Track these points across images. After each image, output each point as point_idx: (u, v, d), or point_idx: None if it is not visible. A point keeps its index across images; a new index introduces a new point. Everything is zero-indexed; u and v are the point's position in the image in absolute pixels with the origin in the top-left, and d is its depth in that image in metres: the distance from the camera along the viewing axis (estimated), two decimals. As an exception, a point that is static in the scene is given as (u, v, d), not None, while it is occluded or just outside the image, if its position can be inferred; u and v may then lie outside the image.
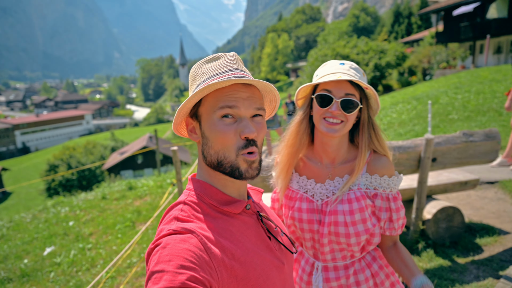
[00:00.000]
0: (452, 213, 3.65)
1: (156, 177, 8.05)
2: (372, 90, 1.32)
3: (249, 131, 0.88)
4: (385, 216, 1.36)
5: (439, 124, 9.24)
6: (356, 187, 1.36)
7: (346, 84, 1.29)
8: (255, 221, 0.98)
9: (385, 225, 1.38)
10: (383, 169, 1.36)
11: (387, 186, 1.35)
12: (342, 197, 1.35)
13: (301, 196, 1.43)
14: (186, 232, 0.82)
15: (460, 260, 3.49)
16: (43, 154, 51.02)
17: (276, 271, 0.94)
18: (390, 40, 39.70)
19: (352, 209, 1.32)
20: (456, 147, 3.49)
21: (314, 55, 26.94)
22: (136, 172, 31.60)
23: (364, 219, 1.32)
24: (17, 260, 4.63)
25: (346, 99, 1.28)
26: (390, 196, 1.36)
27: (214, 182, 0.95)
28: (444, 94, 12.45)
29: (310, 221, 1.38)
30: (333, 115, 1.28)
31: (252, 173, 0.91)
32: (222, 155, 0.90)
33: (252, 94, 0.92)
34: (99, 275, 3.06)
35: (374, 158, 1.38)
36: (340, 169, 1.40)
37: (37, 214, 6.52)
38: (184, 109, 0.93)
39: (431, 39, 26.28)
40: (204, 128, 0.92)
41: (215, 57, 0.97)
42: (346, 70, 1.31)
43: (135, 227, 5.21)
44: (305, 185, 1.44)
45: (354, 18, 55.90)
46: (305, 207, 1.40)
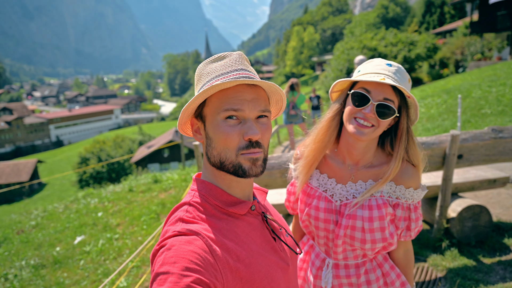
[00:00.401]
0: (478, 212, 3.53)
1: (180, 171, 8.22)
2: (414, 99, 1.25)
3: (253, 133, 0.87)
4: (403, 225, 1.34)
5: (470, 119, 8.89)
6: (379, 194, 1.32)
7: (388, 88, 1.22)
8: (260, 222, 0.98)
9: (401, 233, 1.36)
10: (409, 181, 1.31)
11: (410, 197, 1.31)
12: (363, 203, 1.31)
13: (320, 194, 1.40)
14: (191, 234, 0.81)
15: (486, 260, 3.38)
16: (75, 147, 53.13)
17: (280, 272, 0.94)
18: (420, 31, 38.29)
19: (372, 216, 1.28)
20: (484, 143, 3.36)
21: (340, 48, 26.47)
22: (162, 166, 32.33)
23: (383, 227, 1.29)
24: (50, 248, 4.90)
25: (384, 104, 1.20)
26: (411, 207, 1.33)
27: (219, 182, 0.94)
28: (477, 87, 11.93)
29: (326, 220, 1.36)
30: (365, 117, 1.22)
31: (256, 170, 0.90)
32: (224, 155, 0.89)
33: (257, 95, 0.90)
34: (123, 264, 3.20)
35: (403, 169, 1.32)
36: (364, 173, 1.35)
37: (69, 204, 6.84)
38: (188, 109, 0.93)
39: (465, 29, 25.09)
40: (208, 129, 0.92)
41: (220, 56, 0.95)
42: (391, 72, 1.23)
43: (159, 219, 5.37)
44: (325, 183, 1.40)
45: (383, 9, 54.24)
46: (323, 206, 1.37)
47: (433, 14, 42.21)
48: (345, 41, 30.87)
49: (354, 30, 47.18)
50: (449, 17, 40.20)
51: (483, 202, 4.54)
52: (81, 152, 29.48)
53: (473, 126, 8.23)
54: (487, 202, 4.56)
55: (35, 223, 5.99)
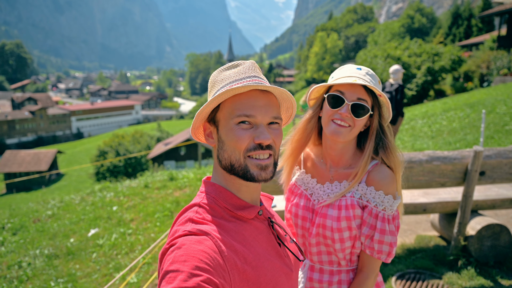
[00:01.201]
0: (499, 231, 3.42)
1: (196, 170, 8.28)
2: (385, 98, 1.30)
3: (264, 137, 0.90)
4: (367, 232, 1.31)
5: (494, 135, 8.63)
6: (350, 195, 1.34)
7: (360, 88, 1.29)
8: (266, 227, 1.00)
9: (365, 241, 1.32)
10: (380, 183, 1.30)
11: (380, 203, 1.30)
12: (335, 202, 1.34)
13: (301, 192, 1.46)
14: (202, 234, 0.83)
15: (504, 282, 3.26)
16: (94, 140, 54.26)
17: (285, 278, 0.95)
18: (446, 43, 37.50)
19: (340, 215, 1.31)
20: (508, 161, 3.25)
21: (363, 56, 26.16)
22: (178, 163, 32.63)
23: (350, 227, 1.31)
24: (64, 239, 5.00)
25: (358, 103, 1.27)
26: (380, 215, 1.29)
27: (229, 186, 0.97)
28: (502, 102, 11.58)
29: (304, 218, 1.41)
30: (342, 117, 1.28)
31: (265, 176, 0.93)
32: (233, 158, 0.92)
33: (269, 102, 0.94)
34: (136, 260, 3.23)
35: (376, 169, 1.33)
36: (342, 174, 1.39)
37: (85, 197, 6.97)
38: (202, 114, 0.96)
39: (492, 43, 24.44)
40: (221, 133, 0.95)
41: (234, 64, 1.00)
42: (362, 75, 1.29)
43: (173, 217, 5.41)
44: (307, 183, 1.46)
45: (408, 19, 53.43)
46: (302, 203, 1.43)
47: (460, 27, 41.29)
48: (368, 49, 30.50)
49: (377, 39, 46.60)
50: (476, 30, 39.24)
51: (503, 221, 4.39)
52: (100, 145, 30.04)
53: (496, 143, 7.99)
54: (507, 222, 4.40)
55: (52, 213, 6.13)
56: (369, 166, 1.34)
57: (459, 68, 22.22)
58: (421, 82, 21.24)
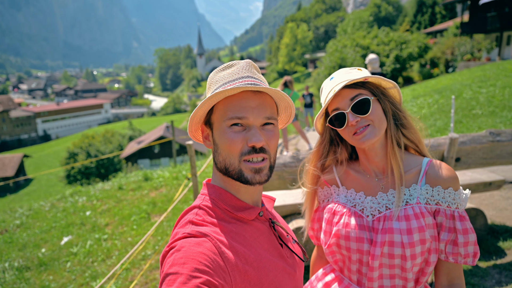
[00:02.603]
0: (474, 215, 3.51)
1: (172, 168, 8.09)
2: (380, 78, 1.20)
3: (257, 140, 0.88)
4: (447, 237, 1.14)
5: (462, 120, 8.94)
6: (415, 201, 1.16)
7: (345, 91, 1.18)
8: (267, 228, 0.99)
9: (446, 248, 1.15)
10: (447, 180, 1.15)
11: (452, 202, 1.14)
12: (399, 213, 1.15)
13: (349, 210, 1.25)
14: (201, 236, 0.83)
15: (481, 263, 3.36)
16: (63, 141, 52.35)
17: (288, 278, 0.95)
18: (412, 30, 38.52)
19: (411, 227, 1.12)
20: (482, 146, 3.33)
21: (333, 46, 26.40)
22: (152, 161, 32.06)
23: (423, 240, 1.12)
24: (35, 249, 4.74)
25: (354, 103, 1.17)
26: (456, 214, 1.14)
27: (228, 187, 0.96)
28: (468, 87, 12.02)
29: (359, 239, 1.19)
30: (358, 125, 1.17)
31: (260, 179, 0.91)
32: (228, 161, 0.91)
33: (262, 102, 0.92)
34: (114, 268, 3.08)
35: (434, 167, 1.18)
36: (393, 179, 1.22)
37: (56, 203, 6.65)
38: (196, 117, 0.95)
39: (456, 29, 25.31)
40: (215, 136, 0.94)
41: (229, 65, 0.98)
42: (337, 82, 1.20)
43: (150, 219, 5.25)
44: (354, 198, 1.27)
45: (375, 8, 54.43)
46: (353, 222, 1.21)
47: (425, 14, 42.53)
48: (337, 39, 30.85)
49: (346, 28, 47.27)
50: (440, 17, 40.54)
51: (476, 204, 4.53)
52: (69, 147, 29.03)
53: (465, 127, 8.27)
54: (480, 204, 4.55)
55: (20, 222, 5.80)
56: (424, 165, 1.20)
57: (426, 55, 22.90)
58: (390, 70, 21.75)
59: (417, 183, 1.18)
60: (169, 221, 4.95)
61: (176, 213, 5.13)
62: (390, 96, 1.23)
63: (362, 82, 1.21)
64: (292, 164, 2.96)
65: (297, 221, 3.36)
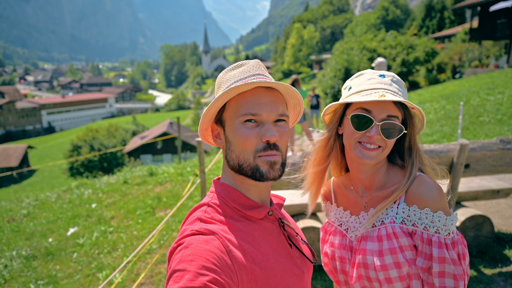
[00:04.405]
0: (481, 222, 3.52)
1: (176, 164, 8.12)
2: (419, 110, 1.10)
3: (271, 135, 0.88)
4: (421, 263, 1.02)
5: (469, 126, 8.91)
6: (389, 220, 1.07)
7: (389, 103, 1.07)
8: (276, 228, 0.98)
9: (423, 276, 1.03)
10: (423, 198, 1.03)
11: (430, 224, 1.01)
12: (372, 233, 1.08)
13: (335, 229, 1.22)
14: (209, 233, 0.82)
15: (487, 271, 3.36)
16: (67, 134, 52.55)
17: (296, 279, 0.94)
18: (420, 35, 38.40)
19: (382, 249, 1.04)
20: (492, 154, 3.33)
21: (340, 47, 26.37)
22: (155, 157, 32.12)
23: (398, 263, 1.02)
24: (42, 239, 4.78)
25: (389, 122, 1.05)
26: (433, 239, 1.00)
27: (238, 185, 0.96)
28: (475, 94, 11.97)
29: (342, 259, 1.16)
30: (370, 140, 1.07)
31: (274, 174, 0.90)
32: (242, 158, 0.91)
33: (274, 99, 0.93)
34: (126, 260, 3.12)
35: (414, 183, 1.07)
36: (375, 197, 1.14)
37: (62, 194, 6.70)
38: (208, 114, 0.96)
39: (464, 35, 25.21)
40: (228, 133, 0.94)
41: (239, 64, 1.00)
42: (388, 85, 1.08)
43: (155, 214, 5.28)
44: (341, 217, 1.23)
45: (383, 11, 54.29)
46: (337, 242, 1.18)
47: (433, 19, 42.38)
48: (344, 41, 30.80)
49: (354, 30, 47.16)
50: (449, 22, 40.40)
51: (483, 211, 4.53)
52: (73, 140, 29.06)
53: (472, 134, 8.25)
54: (486, 212, 4.55)
55: (27, 212, 5.85)
56: (408, 182, 1.08)
57: (433, 60, 22.82)
58: (396, 74, 21.66)
59: (395, 201, 1.09)
60: (174, 216, 4.98)
61: (180, 209, 5.16)
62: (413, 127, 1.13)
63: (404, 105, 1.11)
64: (302, 164, 2.97)
65: (304, 221, 3.38)
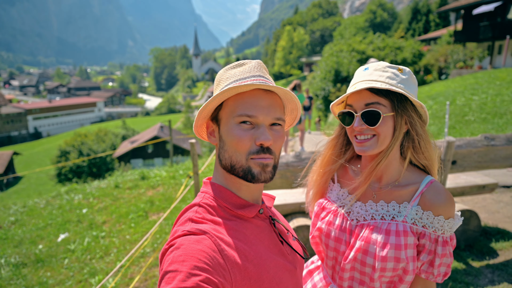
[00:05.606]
0: (468, 217, 3.60)
1: (168, 168, 8.10)
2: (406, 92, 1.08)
3: (265, 138, 0.88)
4: (425, 258, 1.13)
5: (455, 125, 9.09)
6: (401, 219, 1.13)
7: (366, 93, 1.11)
8: (267, 225, 1.00)
9: (422, 266, 1.14)
10: (440, 208, 1.10)
11: (439, 228, 1.11)
12: (381, 226, 1.15)
13: (336, 209, 1.26)
14: (200, 233, 0.82)
15: (474, 263, 3.45)
16: (54, 139, 51.77)
17: (288, 275, 0.95)
18: (407, 37, 38.97)
19: (387, 242, 1.10)
20: (477, 150, 3.43)
21: (329, 50, 26.59)
22: (146, 161, 31.91)
23: (397, 258, 1.09)
24: (32, 246, 4.72)
25: (366, 111, 1.10)
26: (440, 239, 1.11)
27: (229, 185, 0.96)
28: (461, 94, 12.22)
29: (338, 239, 1.21)
30: (360, 131, 1.12)
31: (266, 176, 0.91)
32: (234, 159, 0.91)
33: (272, 102, 0.93)
34: (119, 265, 3.11)
35: (431, 190, 1.13)
36: (388, 192, 1.18)
37: (51, 200, 6.62)
38: (205, 111, 0.95)
39: (449, 37, 25.72)
40: (222, 132, 0.94)
41: (239, 63, 0.99)
42: (367, 75, 1.12)
43: (148, 217, 5.26)
44: (344, 199, 1.26)
45: (371, 14, 54.96)
46: (337, 223, 1.23)
47: (419, 22, 43.10)
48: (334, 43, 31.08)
49: (344, 33, 47.64)
50: (434, 25, 41.13)
51: (470, 206, 4.64)
52: (60, 145, 28.63)
53: (458, 132, 8.42)
54: (473, 207, 4.66)
55: (15, 219, 5.76)
56: (423, 185, 1.14)
57: (419, 62, 23.18)
58: (385, 76, 21.91)
59: (409, 201, 1.14)
60: (167, 219, 4.97)
61: (174, 212, 5.15)
62: (413, 115, 1.13)
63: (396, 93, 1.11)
64: (295, 164, 3.03)
65: (298, 219, 3.41)
